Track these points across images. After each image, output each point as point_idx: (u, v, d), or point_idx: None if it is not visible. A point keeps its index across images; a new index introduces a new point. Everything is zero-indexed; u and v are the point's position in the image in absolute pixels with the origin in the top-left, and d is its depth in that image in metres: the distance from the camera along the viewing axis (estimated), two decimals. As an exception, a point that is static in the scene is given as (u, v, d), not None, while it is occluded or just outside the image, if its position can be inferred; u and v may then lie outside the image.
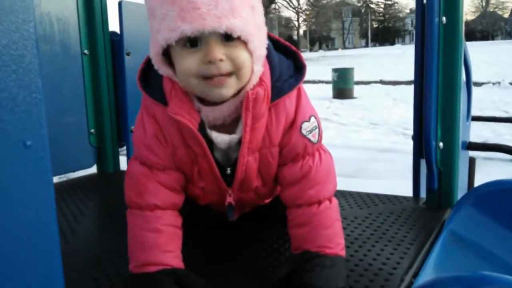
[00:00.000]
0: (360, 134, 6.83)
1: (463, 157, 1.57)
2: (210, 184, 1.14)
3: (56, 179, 2.22)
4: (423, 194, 1.50)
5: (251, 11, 0.93)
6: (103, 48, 2.04)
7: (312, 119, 1.10)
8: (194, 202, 1.23)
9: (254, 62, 0.95)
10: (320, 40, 78.73)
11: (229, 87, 0.94)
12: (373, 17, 79.68)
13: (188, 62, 0.92)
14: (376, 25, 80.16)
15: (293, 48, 1.10)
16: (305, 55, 41.89)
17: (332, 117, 8.38)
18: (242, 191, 1.16)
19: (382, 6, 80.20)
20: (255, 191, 1.19)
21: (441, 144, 1.40)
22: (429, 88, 1.34)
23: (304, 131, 1.08)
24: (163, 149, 1.07)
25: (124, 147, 2.16)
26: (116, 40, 2.06)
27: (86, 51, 2.00)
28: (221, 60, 0.90)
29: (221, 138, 1.04)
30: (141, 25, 2.08)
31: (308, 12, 63.92)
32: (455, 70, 1.39)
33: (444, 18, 1.36)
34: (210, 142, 1.04)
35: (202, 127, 1.02)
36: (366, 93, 11.74)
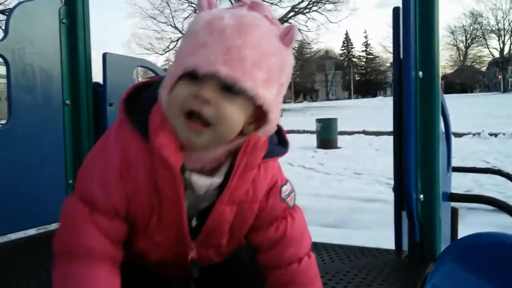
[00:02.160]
0: (344, 183, 6.84)
1: (444, 208, 1.57)
2: (170, 238, 1.02)
3: (33, 231, 2.16)
4: (405, 246, 1.48)
5: (279, 88, 0.93)
6: (85, 99, 2.04)
7: (288, 183, 1.12)
8: (137, 267, 1.09)
9: (263, 131, 0.95)
10: (305, 91, 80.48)
11: (202, 138, 0.88)
12: (355, 70, 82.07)
13: (181, 90, 0.87)
14: (358, 78, 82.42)
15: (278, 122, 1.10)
16: (290, 106, 42.62)
17: (316, 167, 8.41)
18: (203, 246, 1.07)
19: (364, 60, 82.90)
20: (218, 248, 1.11)
21: (421, 196, 1.41)
22: (408, 141, 1.36)
23: (283, 195, 1.09)
24: (121, 189, 0.95)
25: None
26: (99, 91, 2.07)
27: (68, 102, 2.00)
28: (208, 101, 0.85)
29: (202, 182, 0.96)
30: (124, 76, 2.11)
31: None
32: (433, 123, 1.42)
33: (420, 73, 1.40)
34: (185, 185, 0.96)
35: (182, 170, 0.94)
36: (349, 143, 11.89)
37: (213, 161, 0.96)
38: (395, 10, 1.43)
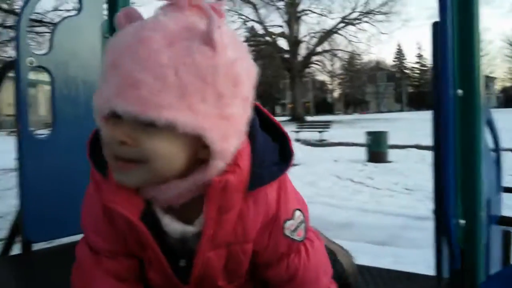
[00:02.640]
0: (394, 199, 6.62)
1: (494, 232, 1.48)
2: (162, 278, 0.95)
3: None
4: (446, 273, 1.41)
5: (215, 99, 0.74)
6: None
7: (297, 213, 0.94)
8: None
9: (213, 157, 0.78)
10: (355, 103, 79.31)
11: (133, 176, 0.78)
12: (408, 82, 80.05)
13: (105, 132, 0.78)
14: (412, 90, 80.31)
15: (283, 130, 0.95)
16: (340, 117, 42.12)
17: (365, 181, 8.20)
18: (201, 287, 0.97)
19: (418, 71, 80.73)
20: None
21: (462, 221, 1.33)
22: (446, 162, 1.29)
23: (287, 232, 0.93)
24: (111, 232, 0.91)
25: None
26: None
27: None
28: (124, 143, 0.75)
29: (173, 228, 0.86)
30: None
31: (342, 76, 65.04)
32: (474, 142, 1.33)
33: (459, 91, 1.33)
34: (156, 228, 0.87)
35: (149, 211, 0.85)
36: (401, 157, 11.53)
37: (179, 198, 0.83)
38: (434, 25, 1.38)
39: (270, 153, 0.90)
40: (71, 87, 1.96)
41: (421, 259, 1.54)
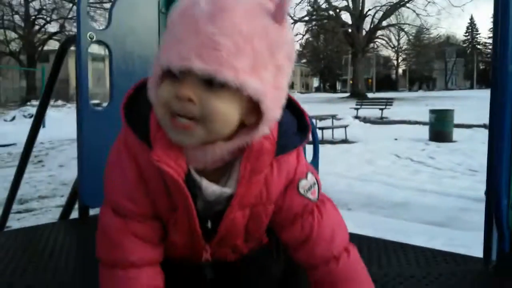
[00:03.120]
0: (456, 180, 6.37)
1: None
2: (185, 239, 1.00)
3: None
4: (495, 256, 1.35)
5: (275, 71, 0.83)
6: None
7: (309, 175, 1.01)
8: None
9: (263, 123, 0.84)
10: (421, 80, 76.04)
11: (192, 136, 0.82)
12: (479, 58, 75.41)
13: (164, 90, 0.82)
14: (483, 67, 75.63)
15: (300, 106, 1.02)
16: (403, 94, 40.63)
17: (426, 160, 7.94)
18: (220, 247, 1.03)
19: (490, 47, 75.71)
20: (234, 247, 1.06)
21: (513, 202, 1.26)
22: (499, 141, 1.23)
23: (301, 190, 0.99)
24: (143, 195, 0.94)
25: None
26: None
27: None
28: (190, 100, 0.79)
29: (211, 190, 0.92)
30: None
31: (408, 52, 62.39)
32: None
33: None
34: (195, 190, 0.92)
35: (188, 175, 0.90)
36: (466, 137, 11.00)
37: (218, 161, 0.89)
38: (496, 1, 1.30)
39: (290, 124, 0.97)
40: (128, 62, 2.02)
41: (476, 242, 1.47)
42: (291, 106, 0.99)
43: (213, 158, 0.88)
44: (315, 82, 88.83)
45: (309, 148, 2.70)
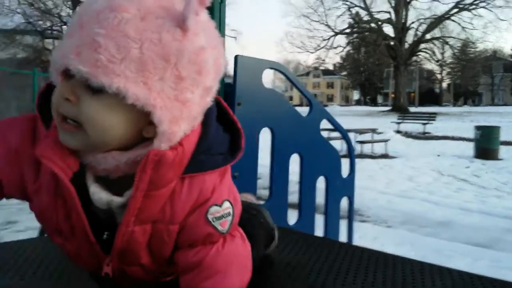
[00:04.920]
0: (502, 200, 6.09)
1: None
2: (83, 247, 0.90)
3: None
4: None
5: (175, 81, 0.75)
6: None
7: (226, 204, 0.90)
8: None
9: (158, 137, 0.77)
10: (466, 94, 73.70)
11: (75, 140, 0.77)
12: (530, 72, 72.32)
13: (56, 90, 0.78)
14: (534, 81, 72.46)
15: (239, 125, 0.94)
16: (447, 109, 39.48)
17: (470, 178, 7.64)
18: (123, 264, 0.93)
19: (542, 60, 72.56)
20: (143, 267, 0.95)
21: None
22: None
23: (209, 216, 0.88)
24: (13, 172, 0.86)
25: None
26: (229, 91, 2.16)
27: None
28: (68, 100, 0.75)
29: (98, 197, 0.83)
30: (253, 78, 2.17)
31: (453, 66, 60.67)
32: None
33: None
34: (86, 195, 0.84)
35: (81, 176, 0.83)
36: (514, 155, 10.54)
37: (116, 170, 0.81)
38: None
39: (218, 143, 0.89)
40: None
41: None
42: (229, 124, 0.93)
43: (106, 167, 0.81)
44: (356, 95, 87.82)
45: (345, 162, 2.67)
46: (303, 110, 2.53)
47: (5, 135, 0.87)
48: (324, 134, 2.74)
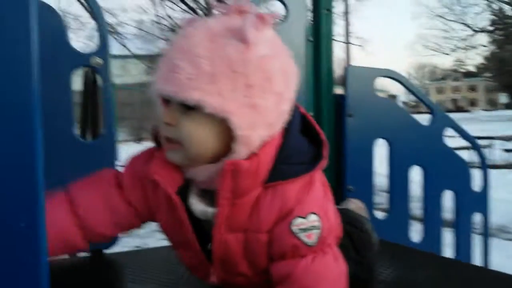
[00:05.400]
0: None
1: None
2: (194, 256, 1.01)
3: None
4: None
5: (245, 90, 0.84)
6: (327, 110, 2.11)
7: (312, 217, 0.91)
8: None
9: (236, 141, 0.86)
10: None
11: (178, 156, 0.90)
12: None
13: (160, 116, 0.91)
14: None
15: (322, 136, 0.98)
16: None
17: None
18: (227, 273, 1.01)
19: None
20: (247, 278, 1.01)
21: None
22: None
23: (294, 228, 0.90)
24: (137, 187, 1.02)
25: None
26: (340, 102, 2.12)
27: (311, 113, 2.11)
28: (168, 124, 0.88)
29: (195, 207, 0.95)
30: (364, 88, 2.09)
31: None
32: None
33: None
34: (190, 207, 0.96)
35: (185, 191, 0.95)
36: None
37: (210, 181, 0.91)
38: None
39: (300, 154, 0.94)
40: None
41: None
42: (312, 132, 0.98)
43: (203, 179, 0.92)
44: (502, 99, 79.35)
45: (478, 174, 2.40)
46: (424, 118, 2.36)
47: (135, 165, 1.04)
48: (452, 143, 2.51)
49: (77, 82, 1.83)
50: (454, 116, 2.67)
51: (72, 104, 1.56)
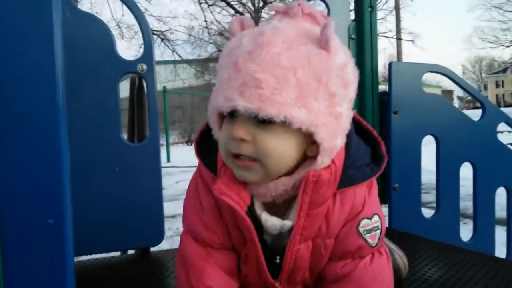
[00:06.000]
0: None
1: None
2: (254, 274, 0.97)
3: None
4: None
5: (328, 99, 0.79)
6: (371, 108, 2.09)
7: (375, 217, 0.93)
8: None
9: (321, 154, 0.81)
10: None
11: (253, 173, 0.83)
12: None
13: (223, 132, 0.84)
14: None
15: (375, 134, 0.95)
16: None
17: None
18: (291, 283, 0.98)
19: None
20: (304, 283, 1.00)
21: None
22: None
23: (361, 229, 0.91)
24: (220, 226, 0.95)
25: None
26: (384, 99, 2.09)
27: (354, 111, 2.10)
28: (243, 140, 0.80)
29: (271, 223, 0.89)
30: (410, 85, 2.05)
31: None
32: None
33: None
34: (258, 224, 0.90)
35: (252, 208, 0.89)
36: None
37: (283, 195, 0.87)
38: None
39: (362, 154, 0.91)
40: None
41: None
42: (366, 134, 0.95)
43: (277, 193, 0.86)
44: None
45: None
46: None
47: (201, 201, 0.97)
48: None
49: (125, 89, 1.93)
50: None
51: (119, 109, 1.63)
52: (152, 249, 1.75)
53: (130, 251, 1.86)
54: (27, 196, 0.74)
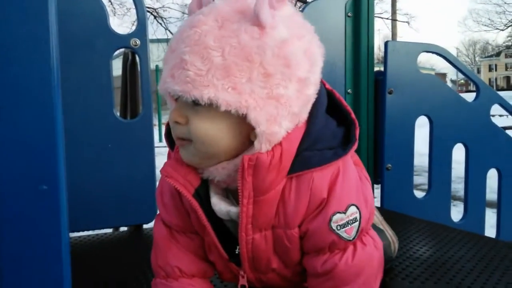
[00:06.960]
0: None
1: None
2: (219, 261, 0.95)
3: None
4: None
5: (263, 79, 0.73)
6: (366, 87, 2.08)
7: (352, 209, 0.84)
8: None
9: (258, 138, 0.76)
10: None
11: (187, 152, 0.81)
12: None
13: (169, 115, 0.83)
14: None
15: (352, 116, 0.87)
16: None
17: None
18: (258, 271, 0.94)
19: None
20: (277, 273, 0.95)
21: None
22: None
23: (333, 225, 0.83)
24: (179, 210, 0.93)
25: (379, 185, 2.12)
26: (380, 79, 2.08)
27: (349, 90, 2.09)
28: (177, 122, 0.79)
29: (219, 207, 0.86)
30: (406, 64, 2.04)
31: None
32: None
33: None
34: (210, 208, 0.87)
35: (203, 191, 0.86)
36: None
37: (228, 179, 0.83)
38: None
39: (328, 138, 0.83)
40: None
41: None
42: (341, 112, 0.88)
43: (221, 177, 0.83)
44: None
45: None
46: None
47: (162, 186, 0.96)
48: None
49: (118, 67, 1.90)
50: (506, 94, 2.55)
51: (112, 84, 1.60)
52: (145, 226, 1.75)
53: (123, 228, 1.87)
54: (21, 162, 0.74)
